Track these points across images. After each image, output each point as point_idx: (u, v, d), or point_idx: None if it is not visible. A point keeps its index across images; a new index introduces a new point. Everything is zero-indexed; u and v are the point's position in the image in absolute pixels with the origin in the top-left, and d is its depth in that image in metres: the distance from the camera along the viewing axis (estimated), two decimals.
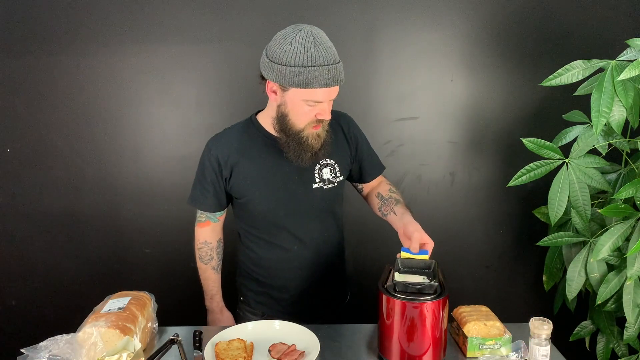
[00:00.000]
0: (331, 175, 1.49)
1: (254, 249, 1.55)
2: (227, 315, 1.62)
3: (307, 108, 1.32)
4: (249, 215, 1.51)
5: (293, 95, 1.31)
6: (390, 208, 1.51)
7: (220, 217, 1.55)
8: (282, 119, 1.37)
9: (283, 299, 1.57)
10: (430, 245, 1.34)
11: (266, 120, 1.46)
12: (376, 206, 1.57)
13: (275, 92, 1.35)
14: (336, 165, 1.49)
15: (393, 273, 1.28)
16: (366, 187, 1.64)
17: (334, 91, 1.32)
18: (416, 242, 1.32)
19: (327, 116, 1.34)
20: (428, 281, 1.23)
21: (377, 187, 1.62)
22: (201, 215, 1.54)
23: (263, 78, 1.38)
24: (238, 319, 1.63)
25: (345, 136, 1.53)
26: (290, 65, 1.27)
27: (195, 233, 1.57)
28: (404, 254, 1.33)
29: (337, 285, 1.66)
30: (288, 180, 1.45)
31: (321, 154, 1.42)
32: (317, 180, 1.47)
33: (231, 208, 1.58)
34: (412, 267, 1.32)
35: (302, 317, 1.43)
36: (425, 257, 1.32)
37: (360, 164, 1.58)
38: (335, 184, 1.50)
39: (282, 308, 1.56)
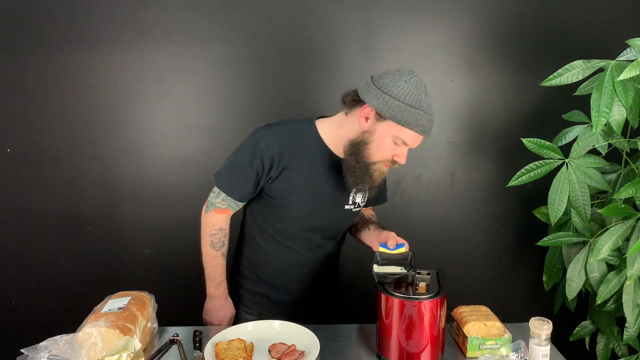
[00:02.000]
0: (361, 199, 1.53)
1: (265, 247, 1.54)
2: (230, 302, 1.59)
3: (391, 145, 1.33)
4: (276, 217, 1.49)
5: (385, 127, 1.32)
6: (366, 225, 1.58)
7: (240, 207, 1.50)
8: (360, 145, 1.35)
9: (280, 301, 1.58)
10: (406, 244, 1.40)
11: (328, 132, 1.43)
12: (353, 222, 1.63)
13: (367, 118, 1.34)
14: (367, 191, 1.52)
15: (372, 266, 1.29)
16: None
17: (419, 140, 1.34)
18: (394, 239, 1.39)
19: (403, 161, 1.36)
20: (405, 271, 1.26)
21: (363, 210, 1.68)
22: (222, 202, 1.47)
23: (355, 101, 1.37)
24: (234, 319, 1.63)
25: None
26: (399, 100, 1.28)
27: (207, 218, 1.51)
28: (381, 249, 1.38)
29: (332, 290, 1.70)
30: (326, 195, 1.46)
31: (374, 189, 1.45)
32: (350, 202, 1.50)
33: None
34: (390, 260, 1.35)
35: (297, 317, 1.44)
36: (403, 249, 1.38)
37: (371, 192, 1.58)
38: (360, 208, 1.55)
39: (279, 309, 1.57)
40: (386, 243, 1.40)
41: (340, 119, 1.42)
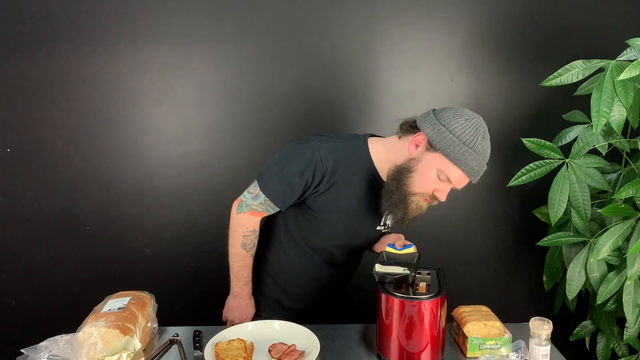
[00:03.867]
0: (390, 221, 1.53)
1: (291, 255, 1.53)
2: (253, 301, 1.58)
3: (434, 179, 1.30)
4: (310, 228, 1.48)
5: (433, 159, 1.29)
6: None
7: (276, 211, 1.47)
8: (404, 171, 1.33)
9: (292, 309, 1.58)
10: (411, 244, 1.41)
11: (379, 153, 1.41)
12: None
13: (417, 146, 1.32)
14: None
15: (375, 264, 1.29)
16: None
17: (465, 181, 1.31)
18: (401, 240, 1.40)
19: (442, 198, 1.34)
20: (406, 271, 1.24)
21: None
22: (260, 205, 1.42)
23: (411, 127, 1.36)
24: None
25: None
26: (454, 135, 1.26)
27: (241, 219, 1.45)
28: (388, 249, 1.38)
29: (343, 299, 1.71)
30: (363, 216, 1.46)
31: (409, 220, 1.42)
32: (382, 224, 1.51)
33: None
34: (396, 260, 1.33)
35: (304, 322, 1.44)
36: (411, 249, 1.37)
37: None
38: (389, 229, 1.56)
39: (288, 315, 1.55)
40: (394, 244, 1.40)
41: (392, 142, 1.40)
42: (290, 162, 1.37)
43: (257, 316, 1.60)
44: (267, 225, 1.58)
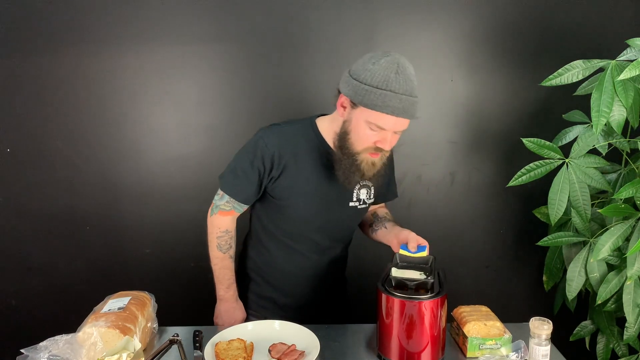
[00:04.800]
0: (366, 196, 1.51)
1: (271, 249, 1.53)
2: (240, 304, 1.58)
3: (369, 132, 1.28)
4: (280, 217, 1.48)
5: (360, 114, 1.28)
6: (382, 224, 1.55)
7: (245, 208, 1.50)
8: (343, 136, 1.33)
9: (287, 305, 1.57)
10: (426, 244, 1.36)
11: (327, 129, 1.43)
12: (367, 223, 1.61)
13: (344, 107, 1.32)
14: (372, 188, 1.51)
15: (390, 268, 1.28)
16: (369, 209, 1.64)
17: (401, 123, 1.27)
18: (414, 241, 1.35)
19: (387, 147, 1.30)
20: (424, 277, 1.24)
21: (375, 208, 1.66)
22: (227, 204, 1.46)
23: (338, 92, 1.35)
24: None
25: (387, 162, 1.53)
26: (365, 84, 1.24)
27: (213, 221, 1.49)
28: (402, 252, 1.35)
29: (339, 293, 1.68)
30: (330, 194, 1.45)
31: (370, 180, 1.42)
32: (355, 199, 1.48)
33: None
34: (410, 263, 1.32)
35: (303, 322, 1.43)
36: (424, 253, 1.33)
37: (379, 188, 1.57)
38: (367, 205, 1.52)
39: (285, 313, 1.56)
40: (407, 245, 1.36)
41: (334, 114, 1.41)
42: (241, 157, 1.43)
43: (253, 317, 1.59)
44: (249, 226, 1.60)
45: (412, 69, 1.28)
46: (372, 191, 1.51)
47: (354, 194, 1.47)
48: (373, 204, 1.61)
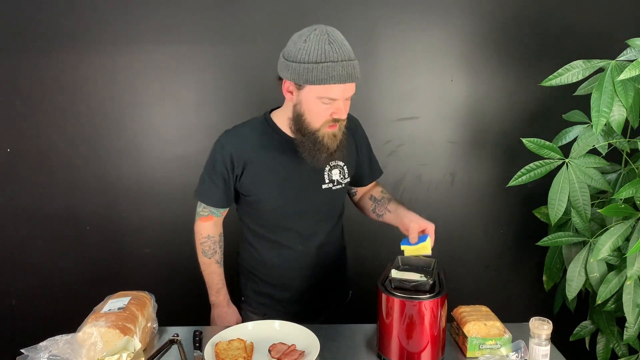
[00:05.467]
0: (340, 176, 1.50)
1: (257, 247, 1.55)
2: (233, 308, 1.61)
3: (322, 106, 1.31)
4: (256, 213, 1.51)
5: (308, 93, 1.31)
6: (385, 207, 1.54)
7: (223, 212, 1.54)
8: (298, 119, 1.36)
9: (284, 299, 1.57)
10: (430, 228, 1.37)
11: (281, 119, 1.45)
12: (369, 208, 1.60)
13: (291, 92, 1.35)
14: (345, 167, 1.51)
15: (390, 270, 1.28)
16: (360, 191, 1.65)
17: (349, 89, 1.31)
18: (414, 232, 1.35)
19: (343, 115, 1.33)
20: (425, 279, 1.23)
21: (370, 190, 1.64)
22: (204, 210, 1.52)
23: (280, 79, 1.37)
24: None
25: (353, 138, 1.54)
26: (304, 62, 1.27)
27: (196, 228, 1.56)
28: (403, 247, 1.35)
29: (338, 285, 1.67)
30: (299, 180, 1.45)
31: (336, 155, 1.41)
32: (327, 181, 1.48)
33: (234, 206, 1.58)
34: (411, 265, 1.32)
35: (304, 318, 1.43)
36: (426, 244, 1.33)
37: (361, 167, 1.58)
38: (343, 185, 1.51)
39: (284, 308, 1.56)
40: (408, 238, 1.36)
41: (285, 103, 1.44)
42: (206, 165, 1.50)
43: (253, 314, 1.60)
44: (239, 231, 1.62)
45: (340, 34, 1.32)
46: (346, 170, 1.50)
47: (326, 176, 1.47)
48: (360, 185, 1.61)
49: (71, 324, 1.29)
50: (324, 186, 1.48)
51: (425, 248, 1.34)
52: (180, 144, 2.13)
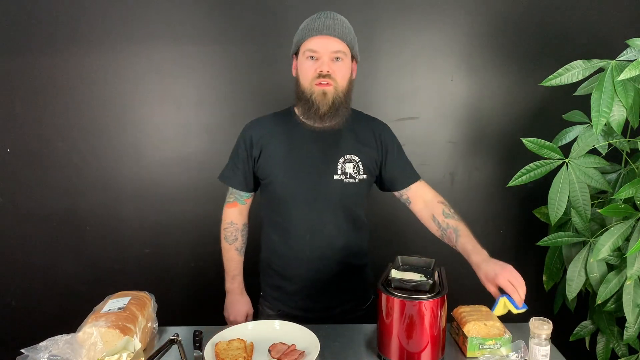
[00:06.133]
0: (353, 170, 1.51)
1: (271, 236, 1.58)
2: (246, 298, 1.66)
3: (309, 62, 1.41)
4: (271, 198, 1.55)
5: (300, 57, 1.45)
6: (453, 242, 1.51)
7: (247, 199, 1.60)
8: (296, 86, 1.47)
9: (295, 292, 1.56)
10: (519, 284, 1.29)
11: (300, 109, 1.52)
12: (436, 232, 1.58)
13: (295, 68, 1.49)
14: (360, 163, 1.51)
15: (390, 270, 1.28)
16: (412, 199, 1.61)
17: (330, 43, 1.40)
18: (522, 290, 1.28)
19: (324, 68, 1.40)
20: (424, 279, 1.24)
21: (430, 204, 1.60)
22: (230, 196, 1.60)
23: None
24: (257, 314, 1.66)
25: (375, 140, 1.55)
26: (299, 29, 1.45)
27: (223, 214, 1.62)
28: (508, 303, 1.27)
29: (352, 285, 1.62)
30: (312, 167, 1.48)
31: (327, 119, 1.45)
32: (339, 172, 1.50)
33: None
34: (411, 265, 1.33)
35: (317, 315, 1.47)
36: (523, 310, 1.25)
37: (392, 171, 1.58)
38: (356, 180, 1.51)
39: (295, 303, 1.57)
40: (511, 296, 1.27)
41: None
42: (232, 150, 1.59)
43: (268, 309, 1.62)
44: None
45: (344, 17, 1.47)
46: (361, 166, 1.51)
47: (339, 168, 1.49)
48: (394, 189, 1.60)
49: (71, 324, 1.29)
50: (335, 177, 1.49)
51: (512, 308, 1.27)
52: (180, 144, 2.13)
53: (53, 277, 2.20)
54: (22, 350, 1.15)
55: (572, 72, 1.65)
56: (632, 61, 1.50)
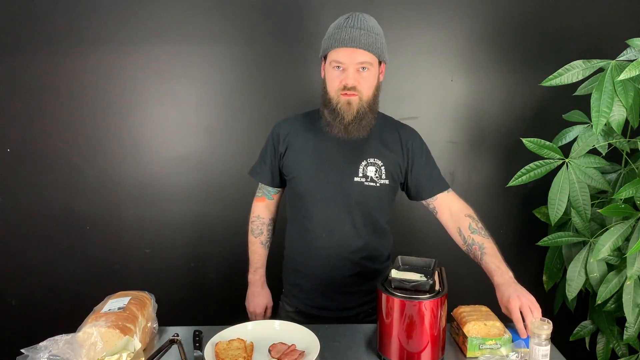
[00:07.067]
0: (375, 174, 1.51)
1: (292, 233, 1.61)
2: (267, 291, 1.69)
3: (335, 72, 1.42)
4: (292, 194, 1.58)
5: (327, 64, 1.45)
6: (477, 259, 1.50)
7: (274, 195, 1.66)
8: (323, 93, 1.48)
9: (310, 289, 1.57)
10: (527, 313, 1.25)
11: None
12: (462, 246, 1.57)
13: (323, 69, 1.48)
14: (383, 167, 1.51)
15: (390, 270, 1.28)
16: (438, 209, 1.60)
17: (355, 54, 1.38)
18: (518, 321, 1.25)
19: (349, 82, 1.40)
20: (424, 279, 1.24)
21: (456, 216, 1.58)
22: (259, 191, 1.66)
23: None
24: (278, 309, 1.69)
25: (401, 146, 1.55)
26: (326, 35, 1.44)
27: (252, 208, 1.69)
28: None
29: (370, 289, 1.60)
30: (334, 168, 1.50)
31: (352, 128, 1.45)
32: (360, 174, 1.50)
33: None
34: (411, 265, 1.33)
35: (332, 314, 1.51)
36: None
37: (418, 179, 1.57)
38: (377, 184, 1.51)
39: (311, 302, 1.58)
40: (513, 323, 1.26)
41: None
42: (263, 146, 1.63)
43: (287, 305, 1.65)
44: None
45: (373, 20, 1.43)
46: (383, 171, 1.51)
47: (360, 170, 1.50)
48: (420, 198, 1.59)
49: (71, 324, 1.29)
50: (356, 179, 1.50)
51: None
52: (180, 144, 2.13)
53: (53, 277, 2.20)
54: (22, 350, 1.15)
55: (572, 72, 1.65)
56: (632, 61, 1.50)
